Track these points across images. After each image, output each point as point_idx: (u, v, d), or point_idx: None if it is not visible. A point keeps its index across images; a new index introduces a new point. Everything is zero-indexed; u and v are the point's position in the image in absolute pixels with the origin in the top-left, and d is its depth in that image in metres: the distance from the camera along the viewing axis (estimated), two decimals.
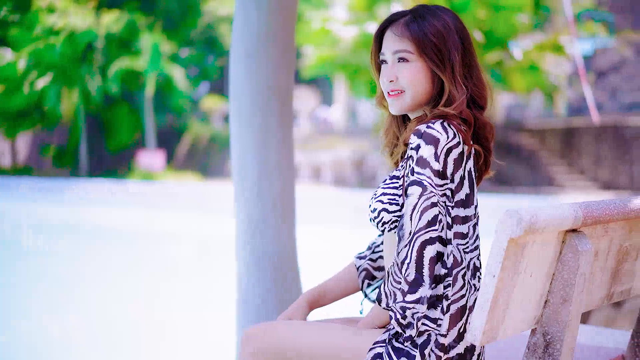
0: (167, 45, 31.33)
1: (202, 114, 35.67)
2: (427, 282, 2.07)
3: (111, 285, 9.41)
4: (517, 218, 1.87)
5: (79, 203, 22.11)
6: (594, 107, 24.22)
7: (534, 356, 2.13)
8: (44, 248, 12.88)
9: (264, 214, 3.58)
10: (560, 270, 2.11)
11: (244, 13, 3.58)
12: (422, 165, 2.10)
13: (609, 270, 2.39)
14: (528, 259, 1.99)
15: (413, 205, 2.10)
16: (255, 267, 3.59)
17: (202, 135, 33.74)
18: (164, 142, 33.59)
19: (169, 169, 31.81)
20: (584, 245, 2.09)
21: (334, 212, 18.67)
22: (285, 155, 3.62)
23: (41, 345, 6.48)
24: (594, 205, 2.13)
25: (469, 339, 1.95)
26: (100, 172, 32.64)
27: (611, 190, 21.05)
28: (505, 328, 2.02)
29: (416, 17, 2.26)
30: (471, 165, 2.19)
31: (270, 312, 3.57)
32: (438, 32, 2.22)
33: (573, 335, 2.13)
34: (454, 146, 2.13)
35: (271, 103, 3.59)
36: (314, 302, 2.51)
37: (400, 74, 2.26)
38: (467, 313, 2.15)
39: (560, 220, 1.99)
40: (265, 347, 2.27)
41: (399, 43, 2.26)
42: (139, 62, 30.41)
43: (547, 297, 2.13)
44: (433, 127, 2.12)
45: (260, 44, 3.57)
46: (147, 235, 15.01)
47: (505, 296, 1.96)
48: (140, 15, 31.50)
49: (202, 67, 34.61)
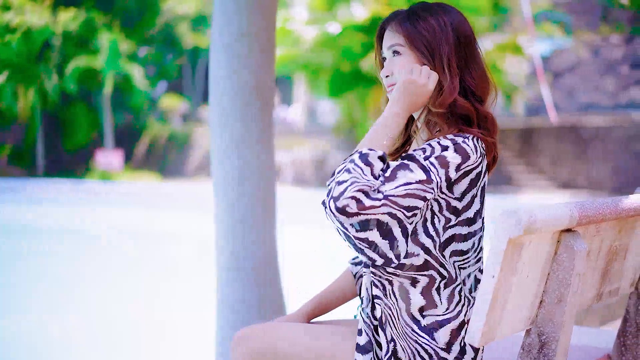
0: (125, 43, 31.05)
1: (160, 113, 35.41)
2: (352, 220, 1.96)
3: (65, 287, 9.30)
4: (517, 218, 1.85)
5: (35, 203, 21.80)
6: (552, 107, 24.59)
7: (529, 356, 2.11)
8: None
9: (244, 214, 3.54)
10: (555, 270, 2.09)
11: (223, 11, 3.53)
12: (441, 164, 2.06)
13: (599, 270, 2.39)
14: (525, 259, 1.97)
15: (408, 181, 2.01)
16: (235, 268, 3.55)
17: (161, 134, 33.50)
18: (122, 142, 33.28)
19: (127, 169, 31.52)
20: (579, 245, 2.07)
21: (293, 212, 18.66)
22: (266, 156, 3.58)
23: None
24: (588, 205, 2.12)
25: (467, 340, 1.93)
26: (57, 171, 32.23)
27: (569, 189, 21.29)
28: (503, 329, 2.00)
29: (410, 14, 2.26)
30: (486, 179, 2.18)
31: (250, 314, 3.53)
32: (429, 25, 2.22)
33: (568, 335, 2.12)
34: (476, 167, 2.11)
35: (252, 102, 3.54)
36: (311, 314, 2.47)
37: (394, 67, 2.26)
38: (467, 327, 2.13)
39: (557, 220, 1.98)
40: (256, 349, 2.24)
41: (393, 38, 2.27)
42: (96, 60, 30.10)
43: (541, 297, 2.11)
44: (468, 144, 2.10)
45: (241, 43, 3.52)
46: (109, 234, 14.85)
47: (503, 297, 1.94)
48: (98, 14, 31.18)
49: (160, 66, 34.36)
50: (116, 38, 30.28)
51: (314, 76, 24.63)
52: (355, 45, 24.23)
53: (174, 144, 32.89)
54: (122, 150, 32.12)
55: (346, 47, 24.37)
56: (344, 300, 2.52)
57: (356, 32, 24.36)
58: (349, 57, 24.35)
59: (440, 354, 2.11)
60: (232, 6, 3.49)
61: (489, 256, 1.90)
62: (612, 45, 29.55)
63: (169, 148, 33.01)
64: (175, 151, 32.76)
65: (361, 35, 24.27)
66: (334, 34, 24.73)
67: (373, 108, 24.49)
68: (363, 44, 24.15)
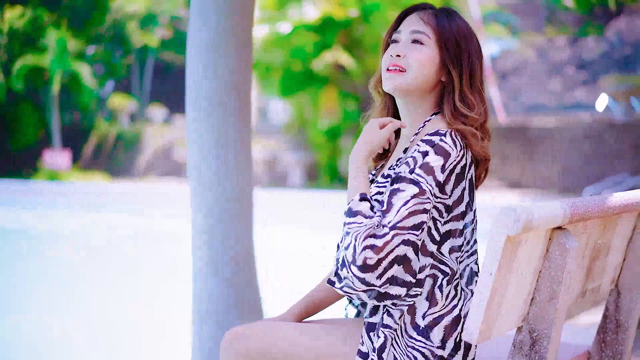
0: (73, 42, 30.63)
1: (108, 112, 35.02)
2: (379, 272, 2.01)
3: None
4: (515, 216, 1.86)
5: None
6: (502, 107, 24.79)
7: (520, 353, 2.13)
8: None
9: (221, 214, 3.51)
10: (547, 268, 2.11)
11: (200, 10, 3.51)
12: (427, 171, 2.07)
13: (584, 267, 2.42)
14: (520, 257, 1.99)
15: (404, 200, 2.04)
16: (212, 268, 3.52)
17: (109, 134, 33.13)
18: (70, 141, 32.82)
19: (75, 169, 31.11)
20: (570, 243, 2.10)
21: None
22: (244, 154, 3.56)
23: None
24: (579, 203, 2.15)
25: (465, 338, 1.94)
26: (3, 171, 31.66)
27: (519, 189, 21.56)
28: (499, 327, 2.02)
29: (445, 12, 2.25)
30: (472, 172, 2.19)
31: (227, 313, 3.51)
32: (462, 32, 2.22)
33: (559, 332, 2.14)
34: (459, 161, 2.12)
35: (230, 100, 3.52)
36: (303, 314, 2.46)
37: (410, 53, 2.22)
38: (462, 321, 2.14)
39: (551, 217, 2.00)
40: (256, 349, 2.21)
41: (421, 26, 2.23)
42: (44, 59, 29.65)
43: (533, 294, 2.13)
44: (446, 141, 2.10)
45: (219, 40, 3.49)
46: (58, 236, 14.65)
47: (500, 295, 1.95)
48: (45, 12, 30.72)
49: (109, 65, 33.98)
50: (64, 36, 29.85)
51: (264, 76, 24.58)
52: (307, 45, 24.23)
53: (122, 144, 32.56)
54: (70, 150, 31.69)
55: (297, 46, 24.35)
56: (333, 301, 2.52)
57: (307, 32, 24.37)
58: (300, 57, 24.34)
59: (435, 352, 2.11)
60: (210, 4, 3.47)
61: (486, 254, 1.90)
62: (558, 46, 30.00)
63: (117, 148, 32.67)
64: (123, 151, 32.43)
65: (312, 35, 24.28)
66: (284, 34, 24.71)
67: (324, 108, 24.52)
68: (314, 44, 24.16)
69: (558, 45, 30.34)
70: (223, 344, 2.27)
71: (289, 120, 28.22)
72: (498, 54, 29.88)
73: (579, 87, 28.20)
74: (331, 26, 23.92)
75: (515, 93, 28.96)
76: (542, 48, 30.25)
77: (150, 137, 32.05)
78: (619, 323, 2.71)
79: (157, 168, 31.48)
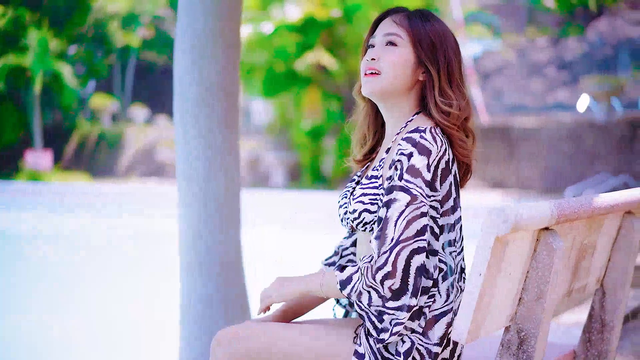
0: (54, 42, 30.50)
1: (90, 112, 34.88)
2: (410, 291, 2.05)
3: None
4: (504, 216, 1.88)
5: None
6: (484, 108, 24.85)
7: (508, 353, 2.15)
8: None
9: (209, 215, 3.51)
10: (534, 268, 2.13)
11: (188, 11, 3.50)
12: (414, 174, 2.08)
13: (570, 267, 2.44)
14: (508, 257, 2.01)
15: (400, 211, 2.06)
16: (199, 269, 3.52)
17: (90, 134, 33.01)
18: (51, 142, 32.67)
19: (56, 169, 30.97)
20: (557, 243, 2.12)
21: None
22: (231, 155, 3.56)
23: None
24: (565, 204, 2.17)
25: (454, 338, 1.95)
26: None
27: (500, 189, 21.65)
28: (487, 326, 2.03)
29: (419, 13, 2.27)
30: (455, 168, 2.20)
31: (214, 315, 3.51)
32: (436, 30, 2.23)
33: (546, 331, 2.16)
34: (442, 156, 2.13)
35: (218, 101, 3.52)
36: (293, 314, 2.47)
37: (384, 55, 2.24)
38: (452, 317, 2.16)
39: (540, 218, 2.02)
40: (247, 349, 2.21)
41: (394, 28, 2.26)
42: (25, 58, 29.51)
43: (521, 294, 2.15)
44: (426, 138, 2.11)
45: (206, 42, 3.49)
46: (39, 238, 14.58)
47: (489, 295, 1.97)
48: (27, 11, 30.56)
49: (90, 64, 33.85)
50: (45, 36, 29.73)
51: (247, 76, 24.55)
52: (289, 45, 24.23)
53: (104, 144, 32.45)
54: (52, 150, 31.55)
55: (280, 47, 24.36)
56: (320, 301, 2.52)
57: (290, 32, 24.37)
58: (283, 57, 24.34)
59: (432, 349, 2.12)
60: (197, 6, 3.47)
61: (475, 254, 1.92)
62: (539, 47, 30.13)
63: (99, 148, 32.55)
64: (105, 151, 32.32)
65: (295, 35, 24.28)
66: (267, 34, 24.70)
67: (307, 108, 24.53)
68: (297, 44, 24.17)
69: (539, 45, 30.46)
70: (216, 344, 2.25)
71: (271, 120, 28.22)
72: (480, 55, 29.98)
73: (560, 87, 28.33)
74: (313, 26, 23.94)
75: (497, 93, 29.07)
76: (523, 49, 30.37)
77: (132, 137, 31.95)
78: (604, 322, 2.74)
79: (139, 168, 31.40)
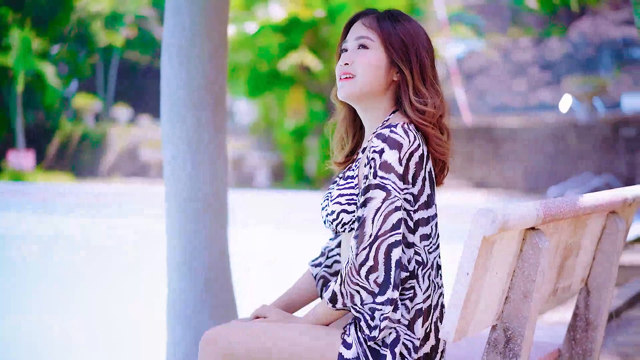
0: (37, 41, 30.37)
1: (73, 112, 34.75)
2: (392, 284, 2.09)
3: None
4: (492, 217, 1.90)
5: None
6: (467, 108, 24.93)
7: (495, 351, 2.18)
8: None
9: (196, 215, 3.52)
10: (521, 267, 2.16)
11: (175, 11, 3.51)
12: (386, 169, 2.11)
13: (555, 266, 2.47)
14: (495, 257, 2.03)
15: (376, 208, 2.10)
16: (186, 269, 3.53)
17: (73, 134, 32.88)
18: (34, 141, 32.53)
19: (39, 169, 30.84)
20: (543, 243, 2.15)
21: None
22: (219, 156, 3.57)
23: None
24: (551, 204, 2.19)
25: (442, 336, 1.97)
26: None
27: (484, 189, 21.73)
28: (474, 325, 2.06)
29: (389, 15, 2.29)
30: (431, 165, 2.22)
31: (201, 315, 3.51)
32: (407, 30, 2.25)
33: (532, 330, 2.19)
34: (415, 150, 2.14)
35: (205, 100, 3.52)
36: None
37: (357, 59, 2.26)
38: (432, 312, 2.17)
39: (526, 218, 2.04)
40: (247, 350, 2.20)
41: (364, 31, 2.28)
42: (7, 58, 29.38)
43: (507, 293, 2.17)
44: (396, 132, 2.13)
45: (193, 43, 3.50)
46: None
47: (476, 294, 1.99)
48: (9, 11, 30.41)
49: (73, 64, 33.73)
50: (28, 35, 29.61)
51: (231, 76, 24.52)
52: (273, 45, 24.23)
53: (87, 144, 32.33)
54: (34, 150, 31.41)
55: (263, 47, 24.35)
56: (307, 302, 2.54)
57: (273, 32, 24.36)
58: (267, 57, 24.34)
59: (416, 344, 2.14)
60: (184, 7, 3.47)
61: (463, 254, 1.94)
62: (522, 47, 30.29)
63: (82, 148, 32.44)
64: (88, 151, 32.21)
65: (279, 35, 24.28)
66: (251, 34, 24.68)
67: (291, 108, 24.54)
68: (280, 45, 24.17)
69: (522, 46, 30.63)
70: (204, 344, 2.25)
71: (255, 120, 28.20)
72: (463, 55, 30.09)
73: (543, 87, 28.49)
74: (297, 26, 23.95)
75: (480, 93, 29.20)
76: (506, 49, 30.53)
77: (115, 137, 31.86)
78: (588, 321, 2.77)
79: (123, 168, 31.31)
